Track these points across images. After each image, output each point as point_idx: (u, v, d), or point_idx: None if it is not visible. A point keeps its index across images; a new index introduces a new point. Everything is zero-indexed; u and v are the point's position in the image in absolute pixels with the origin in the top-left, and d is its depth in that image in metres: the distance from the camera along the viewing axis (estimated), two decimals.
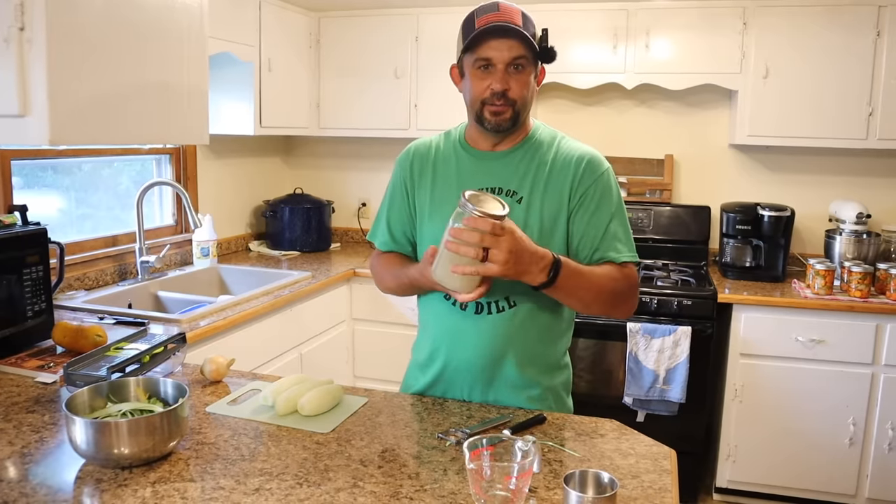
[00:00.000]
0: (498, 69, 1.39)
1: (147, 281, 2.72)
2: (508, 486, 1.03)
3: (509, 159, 1.48)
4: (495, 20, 1.38)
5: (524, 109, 1.44)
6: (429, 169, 1.55)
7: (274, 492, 1.11)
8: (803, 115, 2.99)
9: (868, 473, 2.78)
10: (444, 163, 1.54)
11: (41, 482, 1.13)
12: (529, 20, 1.43)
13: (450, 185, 1.51)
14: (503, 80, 1.39)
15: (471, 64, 1.42)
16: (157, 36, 1.94)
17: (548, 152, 1.48)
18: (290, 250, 3.53)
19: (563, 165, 1.46)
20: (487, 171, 1.49)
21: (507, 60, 1.38)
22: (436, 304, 1.53)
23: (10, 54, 1.59)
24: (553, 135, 1.52)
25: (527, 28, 1.40)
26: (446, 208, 1.46)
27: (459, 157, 1.52)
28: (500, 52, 1.38)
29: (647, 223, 3.37)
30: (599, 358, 2.95)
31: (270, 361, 2.59)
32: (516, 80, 1.40)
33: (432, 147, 1.57)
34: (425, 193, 1.54)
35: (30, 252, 1.89)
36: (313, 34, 3.52)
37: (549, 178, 1.46)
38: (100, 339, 1.80)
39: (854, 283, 2.75)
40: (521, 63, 1.40)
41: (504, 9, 1.41)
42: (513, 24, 1.38)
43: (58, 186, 2.70)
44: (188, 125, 2.12)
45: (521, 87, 1.41)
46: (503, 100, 1.40)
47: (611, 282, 1.40)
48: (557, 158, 1.47)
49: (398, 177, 1.59)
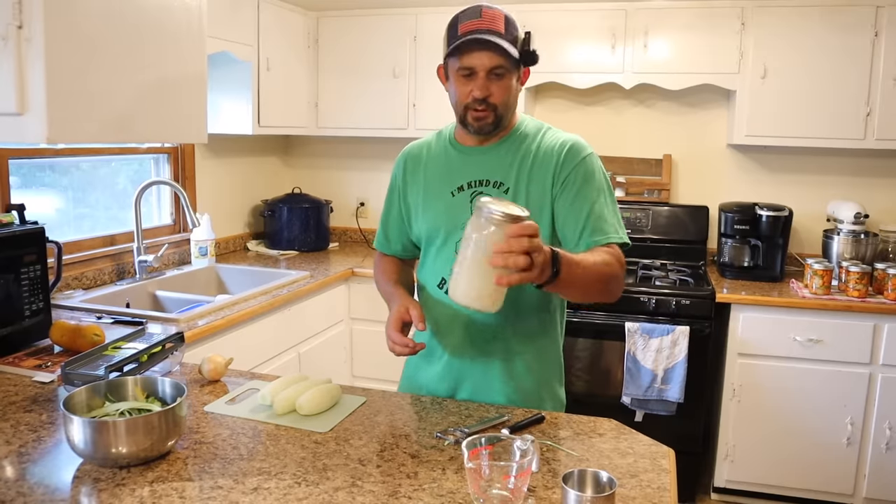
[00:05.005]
0: (479, 77, 1.43)
1: (145, 280, 2.72)
2: (507, 486, 1.03)
3: (495, 152, 1.53)
4: (477, 28, 1.41)
5: (506, 112, 1.49)
6: (421, 168, 1.62)
7: (272, 491, 1.11)
8: (801, 115, 2.99)
9: (866, 473, 2.78)
10: (435, 160, 1.60)
11: (39, 481, 1.13)
12: (512, 23, 1.45)
13: (440, 180, 1.57)
14: (484, 87, 1.43)
15: (454, 70, 1.46)
16: (155, 35, 1.93)
17: (532, 143, 1.52)
18: (288, 250, 3.53)
19: (546, 153, 1.49)
20: (475, 165, 1.54)
21: (488, 68, 1.42)
22: (433, 297, 1.59)
23: (8, 52, 1.58)
24: (538, 126, 1.56)
25: (509, 33, 1.42)
26: (438, 204, 1.55)
27: (449, 153, 1.58)
28: (482, 60, 1.42)
29: (646, 223, 3.37)
30: (598, 357, 2.96)
31: (269, 361, 2.59)
32: (497, 85, 1.44)
33: (424, 147, 1.64)
34: (418, 191, 1.61)
35: (27, 251, 1.89)
36: (312, 34, 3.51)
37: (533, 167, 1.49)
38: (97, 338, 1.80)
39: (852, 283, 2.76)
40: (502, 71, 1.43)
41: (487, 15, 1.42)
42: (494, 31, 1.40)
43: (56, 186, 2.70)
44: (186, 124, 2.11)
45: (502, 92, 1.45)
46: (485, 105, 1.45)
47: (605, 266, 1.38)
48: (541, 147, 1.50)
49: (392, 180, 1.69)
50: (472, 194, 1.51)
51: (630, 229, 3.37)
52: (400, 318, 1.52)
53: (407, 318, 1.52)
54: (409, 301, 1.56)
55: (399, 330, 1.51)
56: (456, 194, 1.53)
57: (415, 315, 1.50)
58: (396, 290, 1.62)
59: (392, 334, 1.50)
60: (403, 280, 1.70)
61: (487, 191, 1.50)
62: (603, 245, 1.42)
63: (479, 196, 1.48)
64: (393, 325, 1.51)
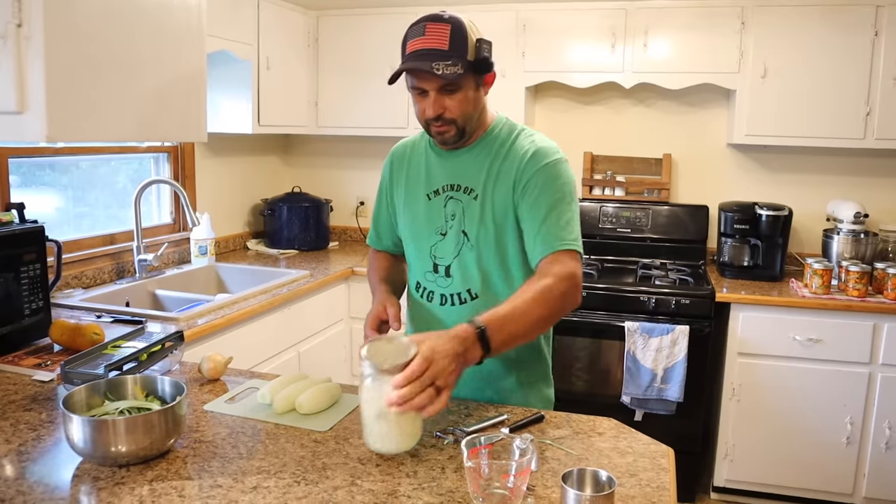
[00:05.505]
0: (430, 96, 1.42)
1: (145, 279, 2.72)
2: (506, 485, 1.03)
3: (468, 156, 1.53)
4: (420, 48, 1.38)
5: (468, 122, 1.47)
6: (404, 168, 1.63)
7: (272, 490, 1.11)
8: (801, 114, 2.99)
9: (865, 472, 2.78)
10: (416, 161, 1.61)
11: (38, 480, 1.13)
12: (460, 35, 1.39)
13: (419, 182, 1.59)
14: (437, 105, 1.42)
15: (409, 87, 1.45)
16: (155, 33, 1.93)
17: (502, 147, 1.51)
18: (288, 249, 3.53)
19: (511, 158, 1.49)
20: (449, 169, 1.54)
21: (437, 88, 1.41)
22: (413, 298, 1.63)
23: (8, 51, 1.58)
24: (511, 130, 1.54)
25: (455, 48, 1.37)
26: (416, 206, 1.58)
27: (428, 155, 1.59)
28: (429, 81, 1.40)
29: (645, 222, 3.37)
30: (597, 357, 2.96)
31: (268, 360, 2.59)
32: (452, 100, 1.42)
33: (409, 147, 1.66)
34: (401, 190, 1.63)
35: (27, 250, 1.89)
36: (311, 33, 3.51)
37: (500, 172, 1.49)
38: (97, 337, 1.80)
39: (851, 283, 2.76)
40: (452, 87, 1.41)
41: (431, 32, 1.39)
42: (436, 51, 1.37)
43: (55, 184, 2.70)
44: (186, 123, 2.11)
45: (458, 105, 1.43)
46: (441, 121, 1.44)
47: (542, 301, 1.33)
48: (510, 153, 1.50)
49: (381, 178, 1.71)
50: (446, 199, 1.53)
51: (630, 229, 3.38)
52: (377, 316, 1.54)
53: (384, 317, 1.54)
54: (387, 299, 1.58)
55: (376, 328, 1.53)
56: (432, 198, 1.55)
57: (391, 314, 1.53)
58: (379, 288, 1.65)
59: (368, 332, 1.54)
60: (392, 277, 1.71)
61: (459, 196, 1.51)
62: (550, 254, 1.40)
63: (450, 200, 1.51)
64: (370, 323, 1.54)
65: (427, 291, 1.58)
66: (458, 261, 1.52)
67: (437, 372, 1.15)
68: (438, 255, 1.55)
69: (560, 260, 1.39)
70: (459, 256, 1.52)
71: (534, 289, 1.35)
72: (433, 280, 1.56)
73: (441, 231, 1.54)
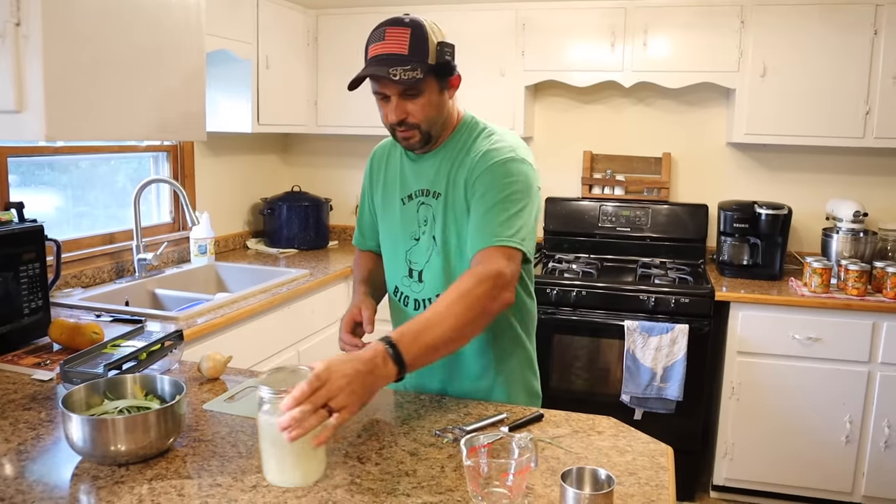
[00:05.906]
0: (392, 101, 1.41)
1: (144, 278, 2.72)
2: (506, 483, 1.03)
3: (434, 160, 1.52)
4: (379, 53, 1.38)
5: (433, 126, 1.46)
6: (382, 170, 1.64)
7: (271, 489, 1.11)
8: (801, 113, 2.99)
9: (864, 471, 2.78)
10: (392, 164, 1.62)
11: (38, 479, 1.13)
12: (421, 37, 1.37)
13: (395, 187, 1.59)
14: (398, 110, 1.41)
15: (373, 92, 1.45)
16: (153, 32, 1.93)
17: (462, 150, 1.50)
18: (287, 248, 3.53)
19: (468, 161, 1.47)
20: (420, 175, 1.54)
21: (398, 93, 1.40)
22: (393, 302, 1.64)
23: (6, 50, 1.58)
24: (473, 131, 1.52)
25: (416, 52, 1.36)
26: (392, 210, 1.58)
27: (402, 158, 1.59)
28: (389, 86, 1.39)
29: (645, 221, 3.38)
30: (597, 356, 2.96)
31: (268, 359, 2.59)
32: (414, 104, 1.41)
33: (387, 148, 1.66)
34: (379, 193, 1.64)
35: (26, 249, 1.89)
36: (311, 31, 3.51)
37: (458, 174, 1.48)
38: (97, 336, 1.80)
39: (851, 282, 2.76)
40: (414, 92, 1.40)
41: (390, 36, 1.38)
42: (395, 56, 1.36)
43: (55, 184, 2.69)
44: (185, 122, 2.11)
45: (421, 110, 1.42)
46: (405, 126, 1.43)
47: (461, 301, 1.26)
48: (469, 153, 1.48)
49: (364, 178, 1.72)
50: (418, 204, 1.53)
51: (629, 228, 3.38)
52: (352, 318, 1.55)
53: (359, 319, 1.55)
54: (364, 301, 1.59)
55: (351, 330, 1.54)
56: (406, 203, 1.56)
57: (365, 317, 1.54)
58: (358, 289, 1.66)
59: (342, 335, 1.55)
60: (374, 278, 1.71)
61: (429, 201, 1.51)
62: (480, 251, 1.36)
63: (422, 205, 1.52)
64: (345, 325, 1.55)
65: (403, 296, 1.59)
66: (429, 266, 1.53)
67: (332, 392, 1.06)
68: (413, 259, 1.55)
69: (489, 257, 1.34)
70: (430, 261, 1.52)
71: (452, 293, 1.29)
72: (408, 285, 1.57)
73: (415, 236, 1.54)
